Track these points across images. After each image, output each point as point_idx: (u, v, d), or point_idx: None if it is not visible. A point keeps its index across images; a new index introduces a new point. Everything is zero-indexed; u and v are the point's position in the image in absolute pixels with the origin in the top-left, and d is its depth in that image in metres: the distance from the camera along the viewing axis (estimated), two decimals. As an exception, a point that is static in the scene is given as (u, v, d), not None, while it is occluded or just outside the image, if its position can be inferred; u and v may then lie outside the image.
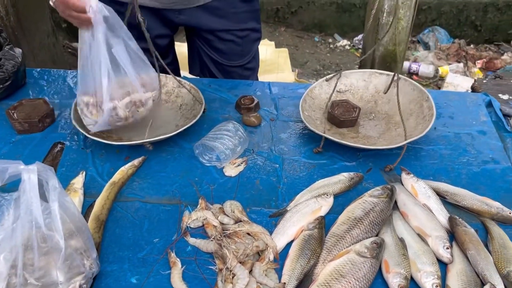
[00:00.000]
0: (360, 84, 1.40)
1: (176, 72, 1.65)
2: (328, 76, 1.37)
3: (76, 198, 1.08)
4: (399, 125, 1.25)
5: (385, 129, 1.33)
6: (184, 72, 1.79)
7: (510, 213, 1.05)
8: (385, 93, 1.36)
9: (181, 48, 1.73)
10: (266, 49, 2.42)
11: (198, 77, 1.66)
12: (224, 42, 1.51)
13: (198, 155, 1.24)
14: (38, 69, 1.56)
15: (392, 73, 1.32)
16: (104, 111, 1.13)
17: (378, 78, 1.39)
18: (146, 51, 1.19)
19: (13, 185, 0.79)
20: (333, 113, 1.30)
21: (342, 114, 1.30)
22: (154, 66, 1.23)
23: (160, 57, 1.31)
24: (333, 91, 1.35)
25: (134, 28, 1.14)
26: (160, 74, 1.25)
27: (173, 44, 1.64)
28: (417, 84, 1.32)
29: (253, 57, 1.61)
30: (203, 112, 1.30)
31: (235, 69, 1.58)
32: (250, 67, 1.62)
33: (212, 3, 1.40)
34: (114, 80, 1.13)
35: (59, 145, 1.27)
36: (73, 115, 1.22)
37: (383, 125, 1.34)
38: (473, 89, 1.59)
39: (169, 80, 1.34)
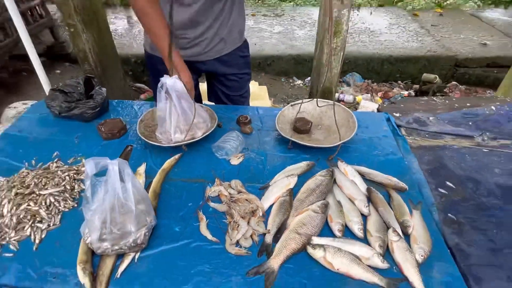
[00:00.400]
0: (311, 107, 1.51)
1: (199, 100, 1.78)
2: (292, 103, 1.52)
3: (141, 179, 1.19)
4: (336, 133, 1.34)
5: (327, 135, 1.45)
6: (204, 100, 1.94)
7: (402, 185, 1.18)
8: (319, 106, 1.47)
9: (202, 86, 1.90)
10: (253, 86, 2.75)
11: (213, 104, 1.81)
12: (230, 81, 1.68)
13: (214, 152, 1.35)
14: (115, 101, 1.69)
15: (332, 101, 1.42)
16: (173, 138, 1.31)
17: (322, 104, 1.49)
18: None
19: (103, 172, 0.88)
20: (296, 125, 1.44)
21: (302, 126, 1.44)
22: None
23: None
24: (298, 112, 1.48)
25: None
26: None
27: (198, 83, 1.75)
28: (346, 108, 1.45)
29: (246, 90, 1.79)
30: (218, 126, 1.44)
31: (236, 98, 1.75)
32: (245, 96, 1.80)
33: (223, 57, 1.57)
34: (176, 120, 1.29)
35: (129, 147, 1.38)
36: (139, 130, 1.34)
37: (326, 133, 1.46)
38: (378, 110, 1.75)
39: (200, 108, 1.39)
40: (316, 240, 0.98)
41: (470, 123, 1.58)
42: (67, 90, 1.53)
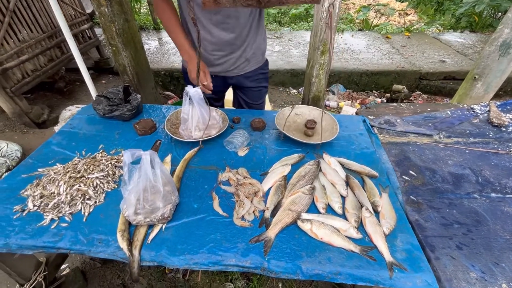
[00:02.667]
0: (306, 110, 1.49)
1: (221, 107, 1.80)
2: (293, 106, 1.46)
3: (167, 167, 1.20)
4: (322, 133, 1.36)
5: (316, 134, 1.40)
6: (229, 105, 1.97)
7: (374, 173, 1.18)
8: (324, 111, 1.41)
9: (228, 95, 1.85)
10: None
11: (236, 109, 1.77)
12: (251, 93, 1.64)
13: (225, 145, 1.35)
14: (148, 105, 1.67)
15: (321, 109, 1.44)
16: (193, 135, 1.32)
17: (314, 110, 1.47)
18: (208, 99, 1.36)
19: (138, 161, 0.90)
20: (307, 124, 1.40)
21: (309, 124, 1.39)
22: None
23: (217, 101, 1.66)
24: (289, 113, 1.44)
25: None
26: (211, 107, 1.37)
27: (224, 94, 1.75)
28: (332, 116, 1.41)
29: (263, 100, 1.74)
30: (230, 127, 1.44)
31: (255, 106, 1.71)
32: (261, 105, 1.75)
33: (247, 73, 1.53)
34: (196, 121, 1.30)
35: (159, 141, 1.37)
36: (166, 127, 1.34)
37: (315, 132, 1.41)
38: (356, 113, 1.71)
39: (214, 112, 1.41)
40: (304, 215, 1.00)
41: (430, 124, 1.56)
42: (110, 96, 1.53)
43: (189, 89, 1.21)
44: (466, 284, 0.83)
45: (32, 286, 1.24)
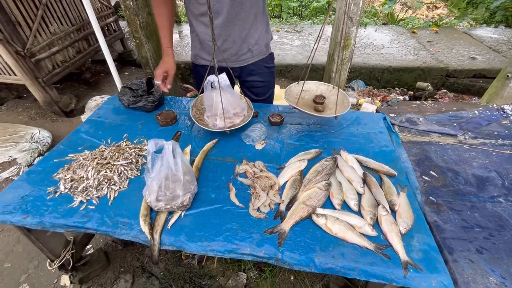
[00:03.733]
0: (313, 86, 1.44)
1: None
2: (296, 82, 1.42)
3: (187, 157, 1.24)
4: (331, 109, 1.33)
5: (325, 110, 1.38)
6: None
7: (392, 171, 1.16)
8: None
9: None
10: (276, 89, 2.56)
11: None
12: (256, 88, 1.63)
13: (243, 139, 1.36)
14: (169, 97, 1.69)
15: (329, 84, 1.40)
16: (218, 123, 1.31)
17: (322, 86, 1.43)
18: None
19: (160, 150, 0.92)
20: (315, 99, 1.37)
21: (318, 99, 1.37)
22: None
23: None
24: (302, 90, 1.37)
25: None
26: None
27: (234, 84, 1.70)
28: (342, 91, 1.34)
29: (269, 95, 1.70)
30: (255, 116, 1.43)
31: (261, 101, 1.68)
32: (268, 101, 1.72)
33: (250, 66, 1.50)
34: (222, 108, 1.27)
35: (179, 132, 1.41)
36: (191, 113, 1.33)
37: (325, 108, 1.39)
38: (377, 111, 1.67)
39: (240, 99, 1.36)
40: (319, 210, 1.00)
41: (455, 124, 1.50)
42: (134, 88, 1.58)
43: (212, 77, 1.19)
44: (485, 288, 0.81)
45: (61, 262, 1.35)
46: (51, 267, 1.34)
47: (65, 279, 1.62)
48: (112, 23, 3.85)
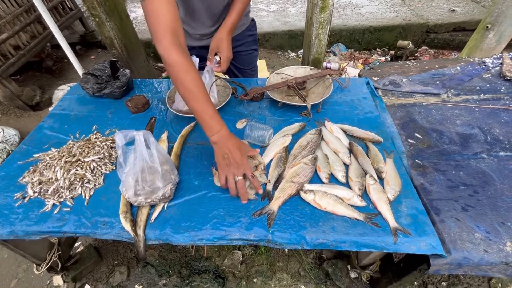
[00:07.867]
0: (290, 72, 1.42)
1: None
2: (277, 71, 1.43)
3: (164, 145, 1.17)
4: (315, 93, 1.32)
5: (308, 95, 1.35)
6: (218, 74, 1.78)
7: (378, 138, 1.13)
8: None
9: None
10: None
11: (228, 76, 1.65)
12: (241, 57, 1.55)
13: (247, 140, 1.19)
14: (139, 80, 1.60)
15: (305, 66, 1.40)
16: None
17: (299, 69, 1.42)
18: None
19: (132, 142, 0.87)
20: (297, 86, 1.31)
21: (299, 85, 1.31)
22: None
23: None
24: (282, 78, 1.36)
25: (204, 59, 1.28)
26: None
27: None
28: (319, 70, 1.32)
29: (255, 65, 1.65)
30: (232, 94, 1.36)
31: (246, 71, 1.62)
32: (254, 70, 1.66)
33: (235, 37, 1.42)
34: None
35: (153, 118, 1.33)
36: (168, 105, 1.29)
37: (308, 93, 1.36)
38: (359, 75, 1.62)
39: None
40: (307, 186, 0.98)
41: (438, 82, 1.48)
42: (97, 73, 1.45)
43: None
44: (471, 245, 0.84)
45: (48, 266, 1.30)
46: (39, 271, 1.29)
47: (57, 279, 1.59)
48: (66, 1, 3.46)
